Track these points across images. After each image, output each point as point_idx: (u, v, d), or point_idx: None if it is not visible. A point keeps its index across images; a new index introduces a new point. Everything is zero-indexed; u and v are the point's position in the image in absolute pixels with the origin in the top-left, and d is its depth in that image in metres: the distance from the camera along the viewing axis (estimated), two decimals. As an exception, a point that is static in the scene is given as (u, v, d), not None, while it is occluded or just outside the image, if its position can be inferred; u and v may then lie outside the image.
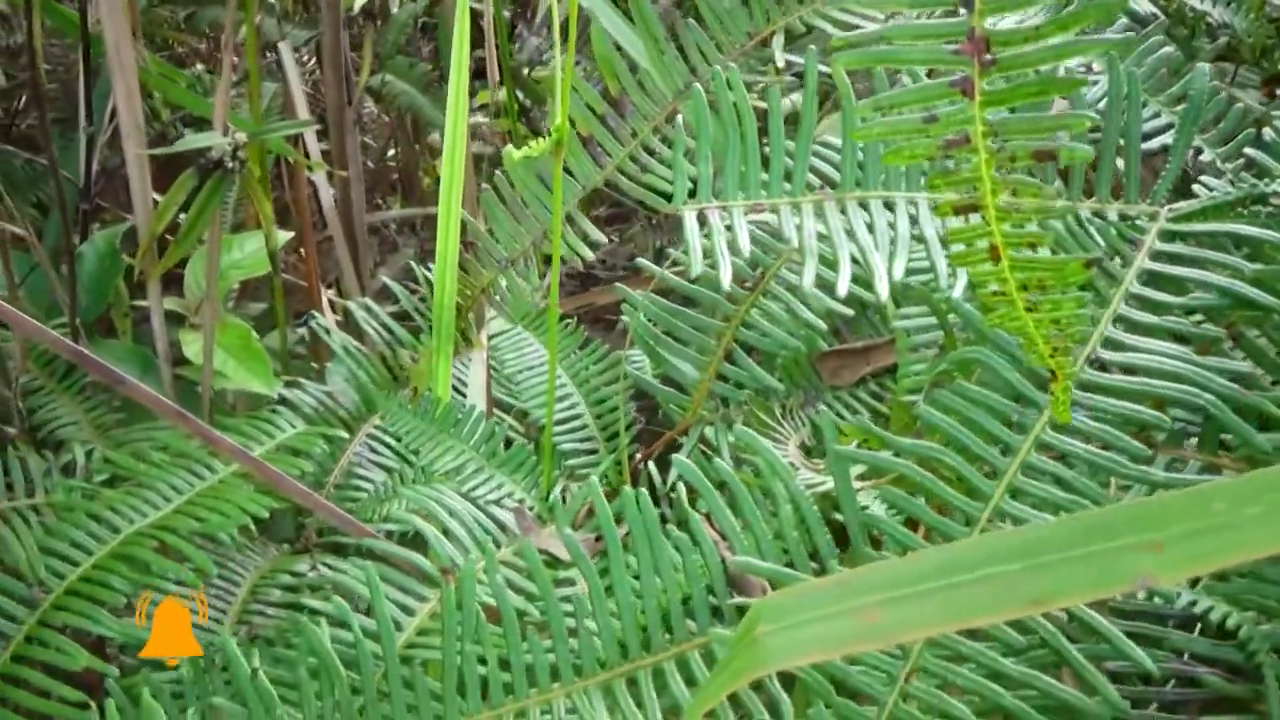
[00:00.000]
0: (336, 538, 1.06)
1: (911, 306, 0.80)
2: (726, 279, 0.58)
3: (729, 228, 0.59)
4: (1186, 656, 0.61)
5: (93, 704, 0.78)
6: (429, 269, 1.14)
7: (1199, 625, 0.61)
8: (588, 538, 0.77)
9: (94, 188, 1.28)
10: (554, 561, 0.76)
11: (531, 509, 0.82)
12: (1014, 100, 0.39)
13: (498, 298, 0.85)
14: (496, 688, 0.63)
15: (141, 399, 0.91)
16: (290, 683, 0.67)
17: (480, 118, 2.23)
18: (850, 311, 0.84)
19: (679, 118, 0.63)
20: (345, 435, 1.06)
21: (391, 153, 2.15)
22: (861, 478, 0.70)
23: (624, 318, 0.90)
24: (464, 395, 0.95)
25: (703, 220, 0.60)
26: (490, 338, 1.03)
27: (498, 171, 0.84)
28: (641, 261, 0.89)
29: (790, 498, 0.64)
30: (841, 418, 0.85)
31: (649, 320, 0.89)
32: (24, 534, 0.87)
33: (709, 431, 0.90)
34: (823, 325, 0.84)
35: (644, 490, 0.65)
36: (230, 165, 1.03)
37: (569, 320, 1.04)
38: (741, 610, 0.62)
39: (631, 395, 0.95)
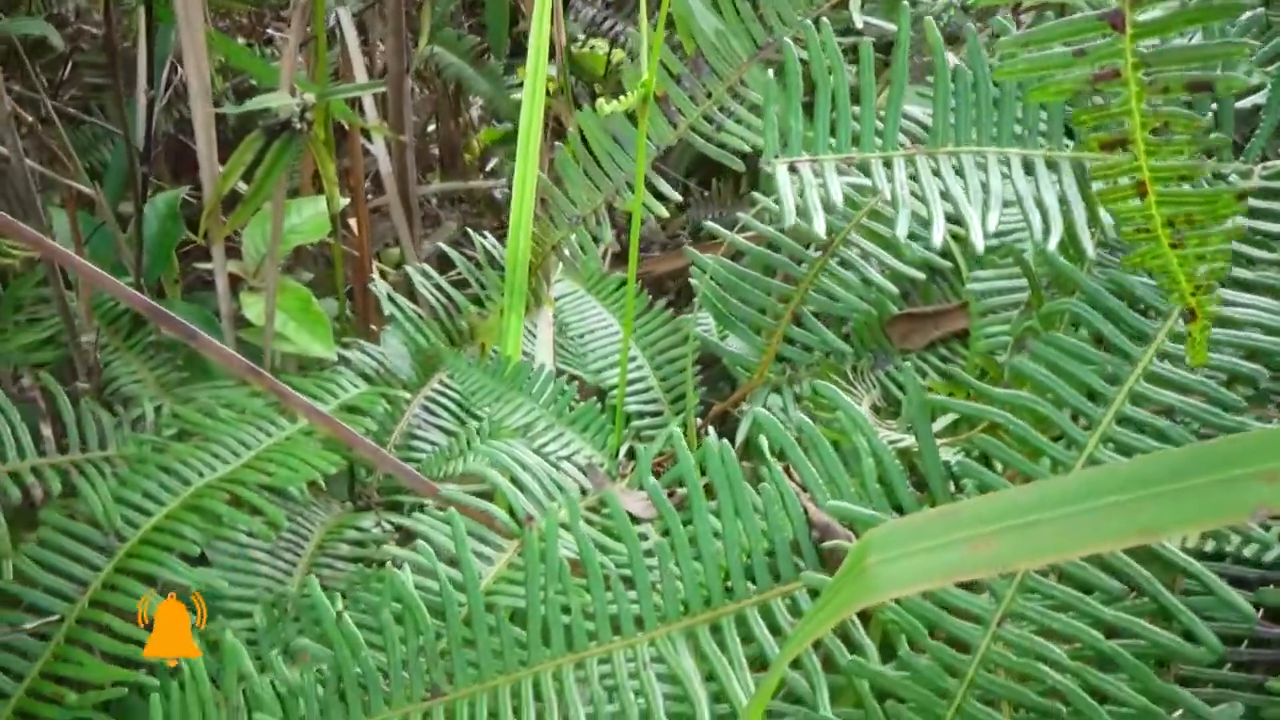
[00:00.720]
0: (396, 496, 1.07)
1: (985, 270, 0.81)
2: (820, 228, 0.58)
3: (821, 181, 0.60)
4: (1261, 614, 0.62)
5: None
6: (484, 236, 1.16)
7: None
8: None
9: (152, 152, 1.30)
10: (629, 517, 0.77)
11: (601, 465, 0.83)
12: (1166, 31, 0.39)
13: (568, 253, 0.86)
14: (580, 634, 0.64)
15: (215, 354, 0.92)
16: (373, 627, 0.68)
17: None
18: (921, 275, 0.85)
19: (769, 71, 0.64)
20: (406, 396, 1.07)
21: (432, 128, 2.16)
22: (938, 436, 0.70)
23: (691, 281, 0.91)
24: (530, 354, 0.95)
25: (794, 173, 0.60)
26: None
27: (570, 130, 0.85)
28: (711, 224, 0.89)
29: (871, 451, 0.64)
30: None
31: (717, 284, 0.89)
32: (99, 484, 0.89)
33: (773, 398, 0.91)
34: (893, 289, 0.84)
35: (725, 441, 0.66)
36: (298, 126, 1.04)
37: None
38: (825, 560, 0.63)
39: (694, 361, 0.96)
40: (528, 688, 0.63)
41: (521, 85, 2.02)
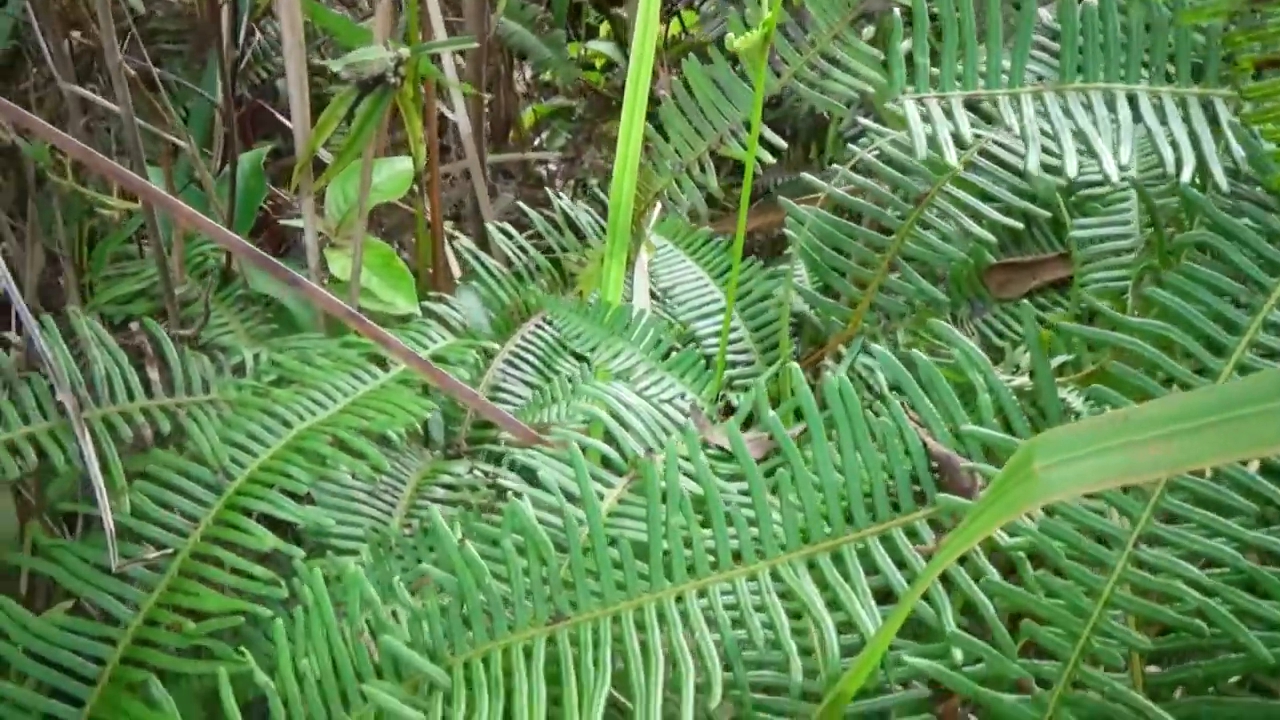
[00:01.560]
0: (485, 445, 1.09)
1: (1088, 217, 0.81)
2: (952, 156, 0.59)
3: (949, 115, 0.61)
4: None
5: (282, 582, 0.82)
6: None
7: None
8: (760, 436, 0.79)
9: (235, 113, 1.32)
10: (729, 458, 0.78)
11: (702, 409, 0.84)
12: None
13: (671, 200, 0.87)
14: (702, 563, 0.66)
15: (319, 300, 0.95)
16: (494, 558, 0.69)
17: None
18: (1020, 225, 0.85)
19: (894, 10, 0.65)
20: (496, 347, 1.09)
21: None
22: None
23: (785, 233, 0.92)
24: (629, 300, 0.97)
25: (922, 110, 0.61)
26: (641, 254, 1.05)
27: (674, 77, 0.86)
28: (807, 176, 0.90)
29: (989, 387, 0.65)
30: (1009, 329, 0.86)
31: (813, 235, 0.90)
32: (206, 425, 0.91)
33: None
34: (991, 239, 0.84)
35: (844, 375, 0.67)
36: (392, 81, 1.05)
37: (719, 239, 1.06)
38: (944, 489, 0.64)
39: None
40: (651, 613, 0.65)
41: (577, 58, 2.03)
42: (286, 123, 1.36)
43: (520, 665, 0.65)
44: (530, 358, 1.14)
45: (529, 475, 0.78)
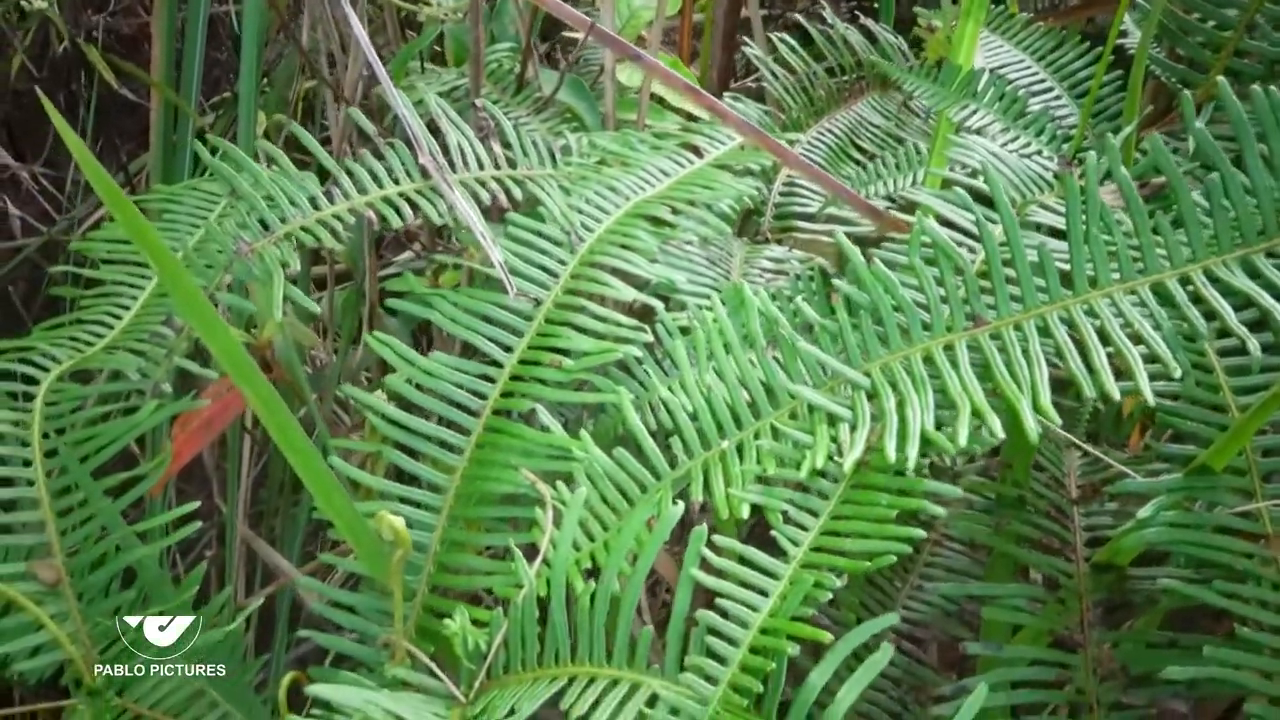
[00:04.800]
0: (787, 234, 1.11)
1: None
2: None
3: None
4: None
5: (646, 329, 0.86)
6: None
7: None
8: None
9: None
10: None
11: (1070, 161, 0.84)
12: None
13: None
14: (1128, 265, 0.67)
15: (659, 74, 0.98)
16: (904, 265, 0.71)
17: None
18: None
19: None
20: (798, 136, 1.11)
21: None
22: None
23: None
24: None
25: None
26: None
27: None
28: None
29: None
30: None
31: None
32: (553, 192, 0.95)
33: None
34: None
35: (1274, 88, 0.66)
36: None
37: (1038, 25, 1.05)
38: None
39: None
40: (1079, 313, 0.66)
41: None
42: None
43: (944, 364, 0.67)
44: (828, 142, 1.17)
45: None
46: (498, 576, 0.76)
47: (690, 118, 1.18)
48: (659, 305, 0.88)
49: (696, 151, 1.04)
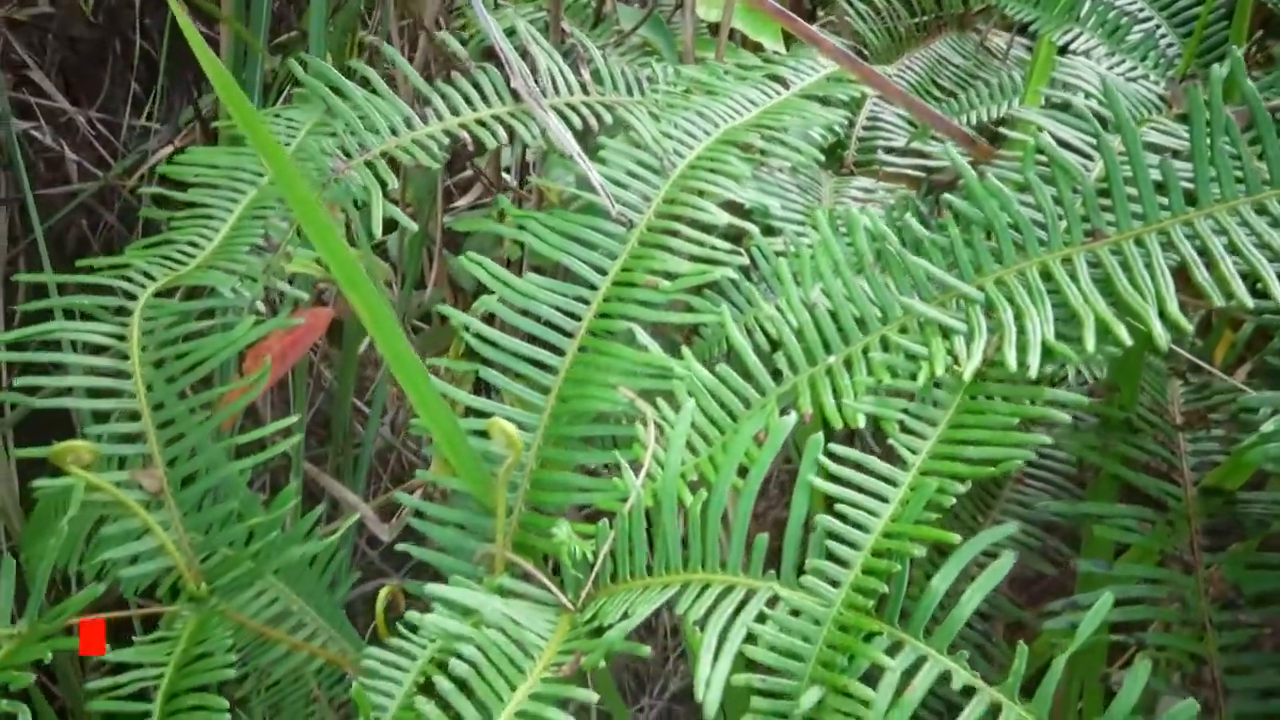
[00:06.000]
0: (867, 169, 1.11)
1: None
2: None
3: None
4: None
5: (742, 251, 0.85)
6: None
7: None
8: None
9: None
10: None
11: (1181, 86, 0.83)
12: None
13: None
14: (1253, 180, 0.65)
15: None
16: (1020, 185, 0.70)
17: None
18: None
19: None
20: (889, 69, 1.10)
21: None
22: None
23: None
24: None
25: None
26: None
27: None
28: None
29: None
30: None
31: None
32: (644, 117, 0.94)
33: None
34: None
35: None
36: None
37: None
38: None
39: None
40: (1203, 225, 0.65)
41: None
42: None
43: (1063, 277, 0.66)
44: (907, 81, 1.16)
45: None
46: (597, 492, 0.76)
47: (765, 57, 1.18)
48: (753, 229, 0.87)
49: (782, 82, 1.02)
